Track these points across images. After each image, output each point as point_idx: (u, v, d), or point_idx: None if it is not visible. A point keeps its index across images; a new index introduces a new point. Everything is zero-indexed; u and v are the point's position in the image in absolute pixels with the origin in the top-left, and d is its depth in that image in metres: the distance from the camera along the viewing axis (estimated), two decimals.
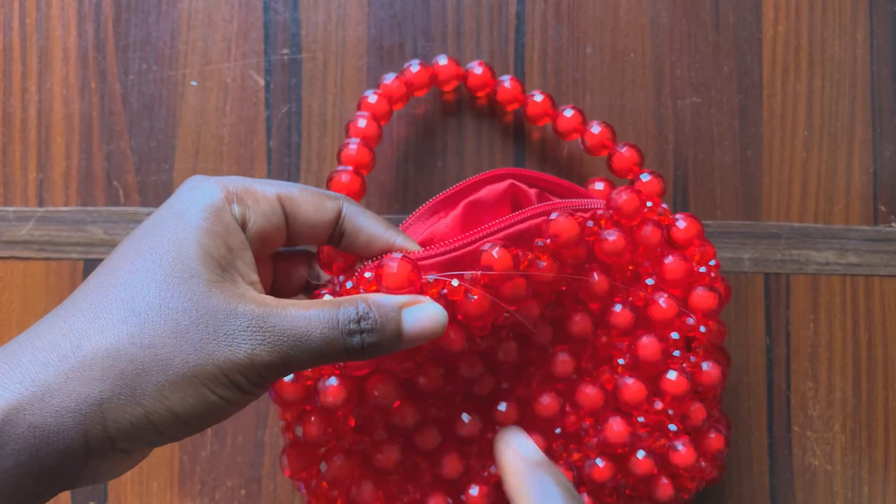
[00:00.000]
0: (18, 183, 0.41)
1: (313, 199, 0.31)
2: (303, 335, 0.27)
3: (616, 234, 0.33)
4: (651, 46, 0.43)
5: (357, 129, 0.36)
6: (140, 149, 0.41)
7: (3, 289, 0.41)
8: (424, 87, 0.39)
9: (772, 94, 0.43)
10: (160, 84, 0.42)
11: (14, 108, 0.41)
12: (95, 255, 0.41)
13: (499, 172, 0.35)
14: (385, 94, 0.38)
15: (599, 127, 0.38)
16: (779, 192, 0.43)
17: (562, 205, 0.34)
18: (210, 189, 0.29)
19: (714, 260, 0.36)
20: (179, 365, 0.25)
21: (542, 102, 0.39)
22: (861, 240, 0.43)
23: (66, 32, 0.42)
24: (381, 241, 0.31)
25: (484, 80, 0.40)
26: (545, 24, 0.42)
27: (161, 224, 0.28)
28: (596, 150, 0.38)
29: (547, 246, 0.32)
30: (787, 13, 0.43)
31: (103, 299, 0.26)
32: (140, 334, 0.25)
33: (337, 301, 0.28)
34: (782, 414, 0.42)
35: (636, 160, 0.37)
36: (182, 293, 0.26)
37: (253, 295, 0.27)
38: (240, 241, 0.29)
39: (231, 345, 0.26)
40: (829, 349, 0.42)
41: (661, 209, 0.36)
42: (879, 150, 0.43)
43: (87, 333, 0.25)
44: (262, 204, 0.29)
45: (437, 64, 0.39)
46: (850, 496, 0.42)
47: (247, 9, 0.42)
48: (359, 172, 0.35)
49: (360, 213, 0.31)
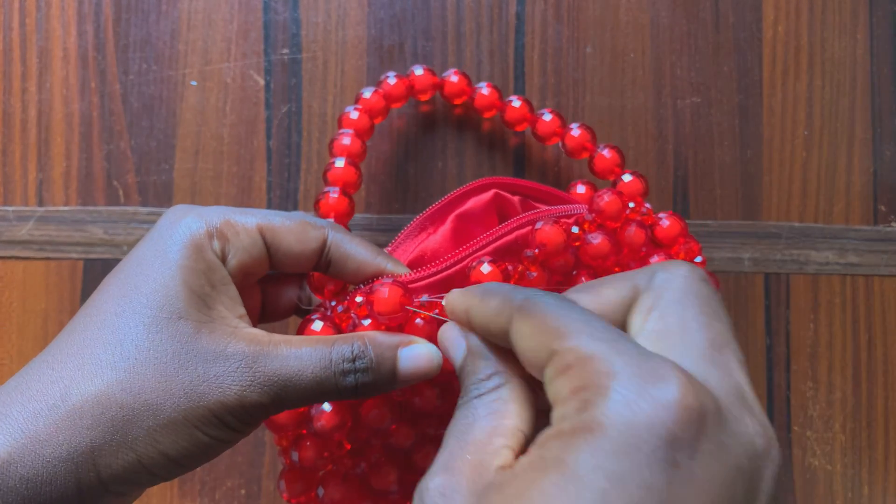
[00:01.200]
0: (18, 183, 0.41)
1: (296, 229, 0.30)
2: (294, 376, 0.27)
3: (600, 237, 0.33)
4: (651, 46, 0.43)
5: (342, 146, 0.36)
6: (140, 149, 0.41)
7: (3, 289, 0.41)
8: (402, 99, 0.39)
9: (772, 94, 0.43)
10: (160, 84, 0.42)
11: (14, 108, 0.41)
12: (95, 254, 0.41)
13: (482, 183, 0.35)
14: (365, 109, 0.38)
15: (579, 130, 0.38)
16: (779, 192, 0.43)
17: (546, 212, 0.34)
18: (190, 224, 0.29)
19: (700, 256, 0.36)
20: (170, 409, 0.25)
21: (519, 108, 0.40)
22: (861, 240, 0.43)
23: (66, 32, 0.42)
24: (370, 267, 0.31)
25: (461, 87, 0.40)
26: (545, 24, 0.42)
27: (144, 263, 0.28)
28: (576, 153, 0.39)
29: (536, 256, 0.32)
30: (787, 13, 0.43)
31: (90, 344, 0.26)
32: (129, 380, 0.25)
33: (331, 339, 0.28)
34: (782, 414, 0.42)
35: (617, 161, 0.38)
36: (170, 335, 0.26)
37: (243, 332, 0.27)
38: (221, 276, 0.28)
39: (221, 387, 0.26)
40: (829, 349, 0.42)
41: (644, 209, 0.36)
42: (879, 150, 0.43)
43: (76, 380, 0.25)
44: (241, 237, 0.29)
45: (413, 74, 0.39)
46: (850, 496, 0.42)
47: (247, 9, 0.42)
48: (346, 192, 0.34)
49: (347, 240, 0.31)
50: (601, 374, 0.20)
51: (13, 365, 0.40)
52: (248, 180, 0.41)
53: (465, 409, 0.24)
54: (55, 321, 0.41)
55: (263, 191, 0.42)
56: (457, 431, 0.23)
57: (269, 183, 0.42)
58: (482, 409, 0.23)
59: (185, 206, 0.30)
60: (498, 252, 0.32)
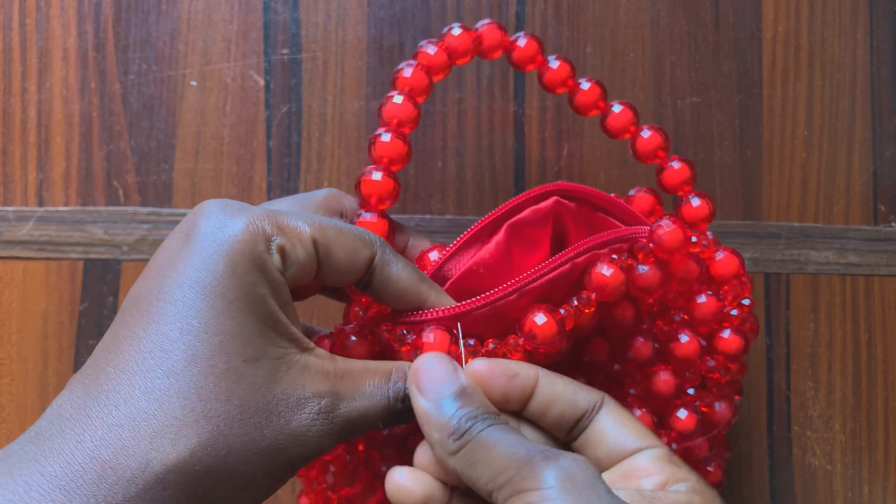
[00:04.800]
0: (18, 183, 0.41)
1: (348, 245, 0.27)
2: (361, 418, 0.26)
3: (652, 270, 0.31)
4: (651, 46, 0.43)
5: (394, 109, 0.31)
6: (140, 149, 0.41)
7: (3, 289, 0.41)
8: (468, 55, 0.34)
9: (772, 94, 0.43)
10: (160, 84, 0.42)
11: (14, 108, 0.41)
12: (95, 254, 0.41)
13: (543, 190, 0.33)
14: (423, 65, 0.32)
15: (650, 131, 0.34)
16: (779, 192, 0.43)
17: (599, 239, 0.31)
18: (246, 234, 0.24)
19: (749, 299, 0.34)
20: (255, 469, 0.24)
21: (589, 90, 0.35)
22: (861, 240, 0.43)
23: (66, 32, 0.42)
24: (412, 297, 0.28)
25: (531, 53, 0.34)
26: (545, 24, 0.42)
27: (204, 291, 0.24)
28: (647, 158, 0.34)
29: (591, 301, 0.30)
30: (787, 13, 0.43)
31: (167, 401, 0.22)
32: (214, 444, 0.23)
33: (386, 370, 0.27)
34: (782, 414, 0.42)
35: (687, 177, 0.33)
36: (251, 385, 0.24)
37: (314, 363, 0.26)
38: (285, 295, 0.26)
39: (301, 438, 0.25)
40: (829, 349, 0.42)
41: (704, 241, 0.33)
42: (879, 150, 0.43)
43: (157, 447, 0.22)
44: (297, 249, 0.26)
45: (480, 29, 0.34)
46: (850, 496, 0.42)
47: (247, 9, 0.42)
48: (390, 171, 0.31)
49: (392, 263, 0.28)
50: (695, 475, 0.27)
51: (13, 365, 0.40)
52: (248, 180, 0.41)
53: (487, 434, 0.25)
54: (55, 321, 0.41)
55: (263, 191, 0.42)
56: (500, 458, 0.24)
57: (269, 183, 0.42)
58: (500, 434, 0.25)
59: (221, 204, 0.25)
60: (551, 283, 0.30)
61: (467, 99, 0.42)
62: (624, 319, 0.33)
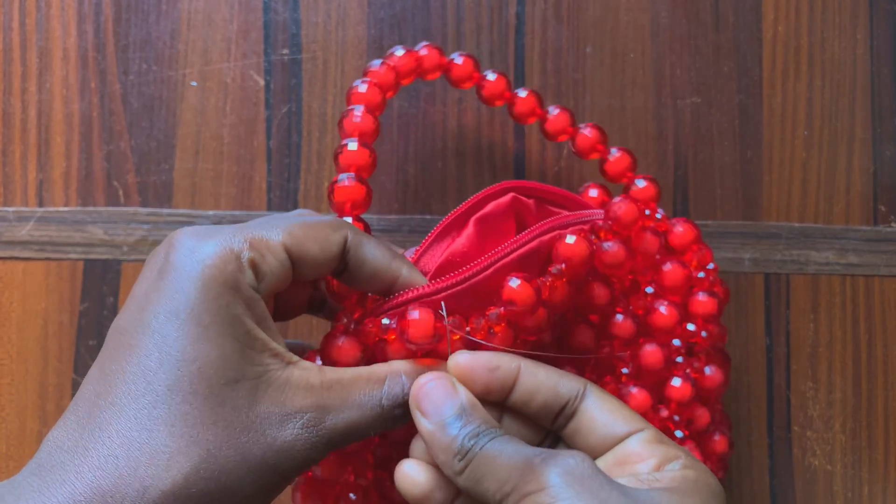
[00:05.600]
0: (18, 183, 0.41)
1: (319, 235, 0.27)
2: (351, 428, 0.26)
3: (616, 245, 0.33)
4: (651, 46, 0.43)
5: (353, 123, 0.33)
6: (140, 149, 0.41)
7: (3, 289, 0.41)
8: (411, 75, 0.37)
9: (772, 94, 0.43)
10: (160, 84, 0.42)
11: (14, 108, 0.41)
12: (95, 255, 0.41)
13: (500, 187, 0.34)
14: (376, 82, 0.35)
15: (590, 129, 0.37)
16: (779, 192, 0.43)
17: (563, 219, 0.34)
18: (216, 258, 0.25)
19: (712, 263, 0.36)
20: (248, 487, 0.24)
21: (526, 98, 0.38)
22: (861, 240, 0.43)
23: (66, 32, 0.42)
24: (387, 274, 0.29)
25: (468, 71, 0.37)
26: (545, 25, 0.42)
27: (180, 320, 0.24)
28: (587, 154, 0.38)
29: (563, 271, 0.31)
30: (787, 13, 0.43)
31: (155, 429, 0.23)
32: (207, 467, 0.23)
33: (380, 376, 0.28)
34: (782, 414, 0.42)
35: (629, 164, 0.37)
36: (234, 406, 0.24)
37: (296, 377, 0.26)
38: (261, 311, 0.26)
39: (290, 452, 0.25)
40: (829, 349, 0.42)
41: (657, 215, 0.35)
42: (879, 150, 0.43)
43: (151, 474, 0.23)
44: (269, 260, 0.26)
45: (419, 52, 0.37)
46: (850, 496, 0.42)
47: (247, 9, 0.42)
48: (360, 177, 0.32)
49: (364, 243, 0.29)
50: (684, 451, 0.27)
51: (13, 365, 0.40)
52: (248, 180, 0.41)
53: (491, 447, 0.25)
54: (55, 321, 0.41)
55: (263, 191, 0.42)
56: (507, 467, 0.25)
57: (269, 183, 0.42)
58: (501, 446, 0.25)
59: (190, 232, 0.26)
60: (521, 258, 0.32)
61: (467, 99, 0.42)
62: (599, 299, 0.34)
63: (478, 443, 0.26)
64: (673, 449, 0.27)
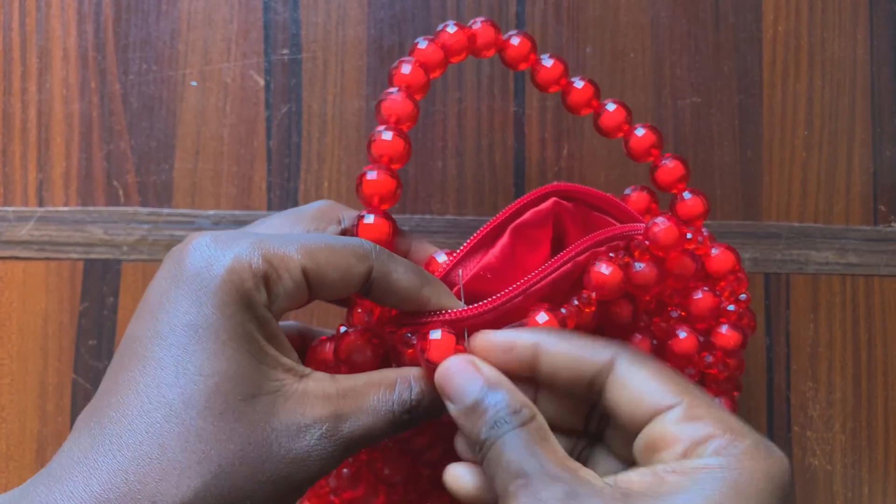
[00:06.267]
0: (18, 183, 0.41)
1: (341, 264, 0.26)
2: (365, 435, 0.26)
3: (648, 267, 0.32)
4: (651, 46, 0.43)
5: (392, 105, 0.31)
6: (140, 149, 0.41)
7: (3, 289, 0.41)
8: (462, 52, 0.34)
9: (772, 94, 0.43)
10: (160, 84, 0.42)
11: (14, 108, 0.41)
12: (95, 255, 0.41)
13: (543, 191, 0.33)
14: (420, 62, 0.32)
15: (645, 130, 0.34)
16: (779, 192, 0.43)
17: (599, 236, 0.32)
18: (231, 273, 0.24)
19: (745, 294, 0.34)
20: (261, 500, 0.24)
21: (583, 89, 0.34)
22: (861, 240, 0.43)
23: (66, 32, 0.42)
24: (415, 303, 0.28)
25: (524, 52, 0.35)
26: (545, 24, 0.42)
27: (196, 335, 0.24)
28: (641, 157, 0.34)
29: (592, 300, 0.30)
30: (787, 13, 0.43)
31: (169, 445, 0.23)
32: (217, 483, 0.23)
33: (391, 380, 0.27)
34: (782, 414, 0.42)
35: (681, 174, 0.34)
36: (249, 423, 0.24)
37: (311, 388, 0.26)
38: (273, 329, 0.26)
39: (304, 463, 0.25)
40: (829, 349, 0.42)
41: (700, 238, 0.33)
42: (879, 150, 0.43)
43: (162, 492, 0.22)
44: (285, 282, 0.25)
45: (474, 28, 0.34)
46: (850, 496, 0.42)
47: (247, 9, 0.42)
48: (391, 169, 0.30)
49: (391, 272, 0.27)
50: (734, 426, 0.24)
51: (13, 365, 0.40)
52: (248, 180, 0.42)
53: (502, 443, 0.25)
54: (55, 321, 0.41)
55: (263, 191, 0.42)
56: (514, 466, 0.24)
57: (269, 183, 0.42)
58: (523, 438, 0.25)
59: (208, 239, 0.25)
60: (553, 284, 0.30)
61: (467, 99, 0.42)
62: (621, 317, 0.33)
63: (495, 432, 0.25)
64: (708, 426, 0.24)
